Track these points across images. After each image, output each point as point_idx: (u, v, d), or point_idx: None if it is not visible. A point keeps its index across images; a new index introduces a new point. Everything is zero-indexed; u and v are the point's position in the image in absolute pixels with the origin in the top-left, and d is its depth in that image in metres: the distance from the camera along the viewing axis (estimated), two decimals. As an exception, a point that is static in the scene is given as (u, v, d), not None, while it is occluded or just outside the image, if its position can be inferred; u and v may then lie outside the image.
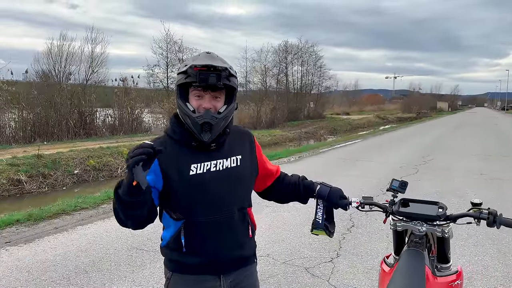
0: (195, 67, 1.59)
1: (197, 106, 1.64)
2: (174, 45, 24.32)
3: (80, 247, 4.56)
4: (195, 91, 1.64)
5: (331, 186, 1.97)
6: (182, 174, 1.64)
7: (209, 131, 1.63)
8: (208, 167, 1.69)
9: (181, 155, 1.67)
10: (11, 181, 9.92)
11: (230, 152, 1.76)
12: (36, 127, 14.90)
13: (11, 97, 14.07)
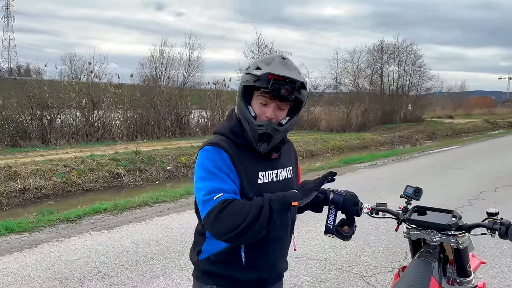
0: (270, 75, 1.48)
1: (259, 113, 1.55)
2: (265, 48, 24.90)
3: (152, 236, 4.99)
4: (261, 97, 1.55)
5: (345, 193, 1.90)
6: (252, 181, 1.56)
7: (266, 142, 1.55)
8: (271, 176, 1.63)
9: (247, 161, 1.58)
10: (111, 174, 11.10)
11: (285, 162, 1.73)
12: (138, 126, 16.43)
13: (118, 99, 15.70)
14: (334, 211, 1.92)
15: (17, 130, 13.41)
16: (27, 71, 37.23)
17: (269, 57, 1.62)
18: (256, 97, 1.56)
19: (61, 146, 13.34)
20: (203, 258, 1.62)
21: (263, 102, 1.55)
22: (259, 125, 1.53)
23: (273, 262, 1.66)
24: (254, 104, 1.57)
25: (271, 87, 1.47)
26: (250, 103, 1.57)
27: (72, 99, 14.72)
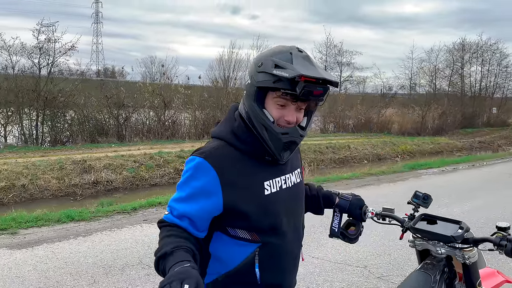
0: (302, 76, 1.26)
1: (278, 116, 1.35)
2: (334, 48, 24.45)
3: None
4: (279, 99, 1.33)
5: (351, 198, 1.85)
6: (256, 194, 1.37)
7: (290, 150, 1.38)
8: (279, 184, 1.44)
9: (250, 170, 1.38)
10: (176, 171, 11.62)
11: (293, 165, 1.55)
12: (205, 126, 17.04)
13: (187, 99, 16.43)
14: (339, 214, 1.88)
15: (96, 127, 14.61)
16: (112, 73, 40.39)
17: (282, 50, 1.38)
18: (273, 99, 1.34)
19: (134, 143, 14.26)
20: (209, 281, 1.42)
21: (282, 104, 1.34)
22: (284, 133, 1.34)
23: (287, 277, 1.51)
24: (270, 108, 1.35)
25: (302, 90, 1.26)
26: (264, 106, 1.35)
27: (146, 99, 15.67)
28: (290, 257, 1.49)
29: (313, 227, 5.12)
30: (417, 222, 1.78)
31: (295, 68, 1.28)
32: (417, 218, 1.80)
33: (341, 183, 8.72)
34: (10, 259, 4.17)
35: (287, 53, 1.36)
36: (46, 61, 14.07)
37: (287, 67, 1.29)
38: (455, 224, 1.75)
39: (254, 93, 1.35)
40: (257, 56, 1.42)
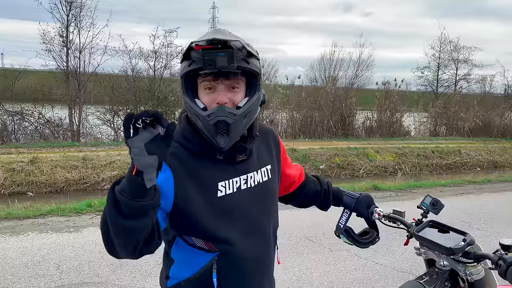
0: (196, 45, 1.19)
1: (209, 101, 1.24)
2: (449, 44, 22.44)
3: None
4: (204, 82, 1.24)
5: (358, 196, 1.80)
6: (208, 196, 1.27)
7: (225, 133, 1.22)
8: (238, 184, 1.33)
9: (202, 170, 1.28)
10: (267, 168, 11.98)
11: (260, 162, 1.42)
12: (302, 126, 17.13)
13: (285, 99, 16.68)
14: (348, 212, 1.85)
15: (200, 125, 15.70)
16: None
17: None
18: (200, 85, 1.25)
19: (232, 140, 15.02)
20: (171, 285, 1.36)
21: (208, 87, 1.24)
22: (210, 114, 1.21)
23: (253, 284, 1.39)
24: (201, 95, 1.25)
25: (203, 60, 1.17)
26: (198, 96, 1.26)
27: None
28: (254, 263, 1.37)
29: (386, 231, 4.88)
30: (423, 229, 1.65)
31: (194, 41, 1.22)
32: (423, 224, 1.66)
33: (435, 190, 8.08)
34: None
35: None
36: (160, 64, 15.55)
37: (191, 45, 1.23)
38: (461, 235, 1.58)
39: (182, 85, 1.27)
40: None
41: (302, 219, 5.49)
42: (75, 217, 5.57)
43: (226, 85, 1.23)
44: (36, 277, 3.74)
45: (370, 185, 7.86)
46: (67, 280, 3.71)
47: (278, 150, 1.54)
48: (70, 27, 14.20)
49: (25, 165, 9.74)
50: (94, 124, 14.50)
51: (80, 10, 14.17)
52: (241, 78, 1.25)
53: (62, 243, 4.58)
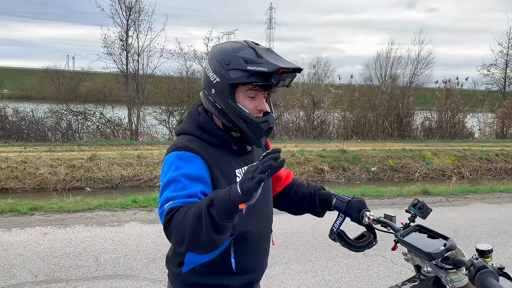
0: (280, 69, 1.37)
1: (251, 107, 1.45)
2: (520, 39, 20.71)
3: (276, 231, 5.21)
4: (250, 91, 1.43)
5: (348, 200, 1.76)
6: (230, 181, 1.43)
7: (266, 135, 1.50)
8: None
9: (221, 159, 1.47)
10: (316, 169, 11.79)
11: (258, 154, 1.61)
12: (354, 126, 16.70)
13: (337, 99, 16.37)
14: (343, 216, 1.82)
15: (251, 125, 15.86)
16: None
17: (239, 46, 1.46)
18: (244, 92, 1.44)
19: (283, 141, 14.95)
20: (186, 270, 1.50)
21: (252, 96, 1.45)
22: (263, 121, 1.45)
23: (260, 261, 1.60)
24: (243, 101, 1.44)
25: (279, 81, 1.39)
26: (236, 100, 1.44)
27: (296, 99, 16.25)
28: (261, 243, 1.59)
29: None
30: (409, 234, 1.56)
31: (269, 62, 1.38)
32: (409, 229, 1.58)
33: (491, 196, 7.51)
34: (137, 231, 4.97)
35: (248, 48, 1.45)
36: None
37: (260, 62, 1.39)
38: (442, 239, 1.49)
39: (227, 90, 1.43)
40: (216, 55, 1.47)
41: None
42: (120, 212, 5.85)
43: (263, 95, 1.48)
44: (75, 267, 3.98)
45: (420, 189, 7.47)
46: (102, 272, 3.91)
47: (267, 147, 1.72)
48: (129, 31, 14.96)
49: (85, 162, 10.40)
50: (151, 124, 15.17)
51: (139, 15, 14.89)
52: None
53: (104, 236, 4.83)
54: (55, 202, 6.15)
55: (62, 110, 14.51)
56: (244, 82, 1.41)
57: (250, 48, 1.45)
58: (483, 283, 1.25)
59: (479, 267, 1.28)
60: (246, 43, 1.47)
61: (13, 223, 5.15)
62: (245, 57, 1.41)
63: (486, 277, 1.26)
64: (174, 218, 1.28)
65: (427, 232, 1.55)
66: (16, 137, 13.11)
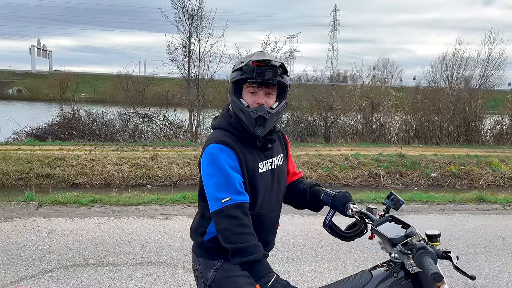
0: (253, 62, 1.65)
1: (251, 102, 1.72)
2: None
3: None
4: (249, 88, 1.72)
5: (334, 194, 1.93)
6: (254, 171, 1.75)
7: (262, 125, 1.71)
8: (267, 165, 1.82)
9: (248, 153, 1.75)
10: (370, 174, 11.54)
11: (277, 150, 1.90)
12: (416, 130, 16.05)
13: (397, 102, 15.85)
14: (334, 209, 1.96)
15: (306, 128, 15.85)
16: (344, 77, 42.18)
17: (247, 55, 1.81)
18: (245, 89, 1.73)
19: (339, 144, 14.80)
20: (208, 238, 1.80)
21: (251, 92, 1.72)
22: (252, 110, 1.70)
23: (269, 237, 1.89)
24: (245, 97, 1.73)
25: (256, 73, 1.64)
26: (242, 97, 1.74)
27: (354, 102, 16.00)
28: (273, 222, 1.90)
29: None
30: (382, 223, 1.66)
31: (249, 58, 1.71)
32: (382, 219, 1.70)
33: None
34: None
35: (252, 54, 1.77)
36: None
37: (245, 60, 1.72)
38: (406, 227, 1.61)
39: (232, 88, 1.76)
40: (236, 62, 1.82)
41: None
42: (170, 207, 6.23)
43: (265, 91, 1.73)
44: (123, 253, 4.35)
45: (475, 196, 7.06)
46: (146, 259, 4.24)
47: (286, 146, 2.02)
48: (191, 38, 15.69)
49: (147, 161, 11.10)
50: (210, 126, 15.76)
51: (200, 22, 15.56)
52: (274, 88, 1.74)
53: (152, 227, 5.20)
54: (113, 196, 6.69)
55: (130, 112, 15.55)
56: (239, 79, 1.72)
57: (252, 53, 1.77)
58: (420, 261, 1.41)
59: (419, 247, 1.43)
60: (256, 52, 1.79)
61: (75, 213, 5.72)
62: (241, 59, 1.75)
63: (424, 256, 1.40)
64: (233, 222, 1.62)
65: (399, 222, 1.64)
66: (88, 137, 14.29)
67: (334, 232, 1.90)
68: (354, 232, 1.88)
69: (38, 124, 14.59)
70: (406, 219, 1.69)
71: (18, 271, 3.85)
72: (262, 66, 1.65)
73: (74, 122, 14.90)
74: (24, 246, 4.43)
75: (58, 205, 6.08)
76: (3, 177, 9.68)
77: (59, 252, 4.32)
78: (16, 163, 10.18)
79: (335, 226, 1.90)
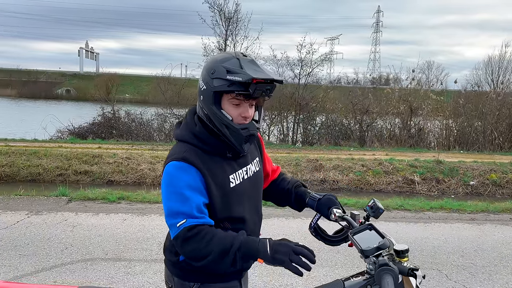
0: (254, 79, 1.45)
1: (235, 114, 1.54)
2: None
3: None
4: (233, 99, 1.52)
5: (318, 198, 1.86)
6: (224, 187, 1.58)
7: (249, 142, 1.61)
8: (242, 175, 1.66)
9: (216, 167, 1.58)
10: (405, 180, 11.17)
11: (252, 155, 1.75)
12: (458, 136, 15.38)
13: (438, 106, 15.25)
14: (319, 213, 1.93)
15: (341, 131, 15.59)
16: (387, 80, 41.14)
17: (228, 57, 1.55)
18: (228, 100, 1.53)
19: (373, 148, 14.43)
20: (183, 259, 1.61)
21: (236, 104, 1.53)
22: (243, 128, 1.54)
23: None
24: (226, 107, 1.54)
25: (254, 90, 1.47)
26: (222, 107, 1.54)
27: (392, 105, 15.56)
28: (254, 228, 1.73)
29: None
30: (361, 232, 1.58)
31: (246, 72, 1.47)
32: (361, 227, 1.60)
33: None
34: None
35: (234, 59, 1.53)
36: (305, 72, 16.06)
37: (239, 72, 1.48)
38: (380, 237, 1.52)
39: (211, 97, 1.53)
40: (207, 64, 1.60)
41: (393, 230, 5.11)
42: (193, 206, 6.33)
43: (249, 103, 1.55)
44: (140, 250, 4.47)
45: (510, 206, 6.67)
46: (161, 256, 4.31)
47: (260, 145, 1.87)
48: (227, 41, 15.87)
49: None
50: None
51: (236, 25, 15.72)
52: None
53: (172, 226, 5.30)
54: (140, 193, 6.88)
55: (166, 113, 15.95)
56: (225, 91, 1.50)
57: (236, 59, 1.53)
58: (379, 279, 1.36)
59: (381, 264, 1.37)
60: (234, 54, 1.56)
61: (101, 209, 5.94)
62: (228, 67, 1.50)
63: (384, 274, 1.34)
64: (195, 239, 1.46)
65: (378, 232, 1.56)
66: (127, 137, 14.80)
67: (318, 235, 1.84)
68: (340, 237, 1.80)
69: (80, 123, 15.28)
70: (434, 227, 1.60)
71: (40, 262, 4.05)
72: (263, 83, 1.48)
73: (114, 122, 15.49)
74: (49, 239, 4.65)
75: (86, 200, 6.34)
76: (44, 172, 10.21)
77: (80, 245, 4.50)
78: (56, 159, 10.71)
79: (320, 229, 1.84)
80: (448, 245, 4.73)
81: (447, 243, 4.79)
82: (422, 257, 4.38)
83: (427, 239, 4.93)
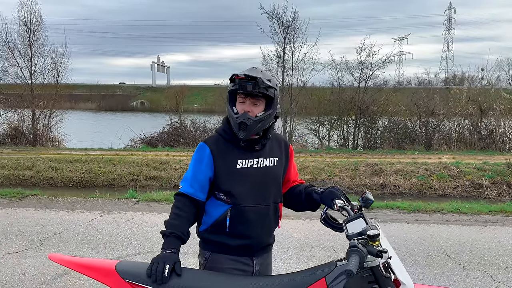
0: (236, 76, 1.97)
1: (240, 109, 1.99)
2: None
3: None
4: (240, 98, 2.01)
5: (322, 191, 2.08)
6: (230, 167, 2.00)
7: (244, 130, 1.97)
8: (251, 163, 2.03)
9: (230, 151, 2.03)
10: (472, 184, 10.63)
11: (270, 153, 2.11)
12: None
13: (511, 106, 14.25)
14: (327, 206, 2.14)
15: (405, 134, 15.13)
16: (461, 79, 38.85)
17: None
18: (238, 99, 2.03)
19: (440, 152, 13.84)
20: (202, 229, 2.07)
21: (241, 101, 2.01)
22: (236, 117, 1.98)
23: (253, 232, 2.02)
24: (237, 105, 2.03)
25: (238, 84, 1.95)
26: (235, 105, 2.04)
27: (460, 106, 14.83)
28: (255, 215, 2.01)
29: None
30: (354, 220, 1.77)
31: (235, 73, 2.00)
32: (353, 216, 1.80)
33: None
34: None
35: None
36: (365, 75, 15.84)
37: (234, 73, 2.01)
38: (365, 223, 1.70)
39: (227, 97, 2.07)
40: None
41: (444, 232, 5.02)
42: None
43: (251, 101, 1.99)
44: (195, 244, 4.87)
45: None
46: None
47: (288, 153, 2.22)
48: (285, 49, 16.18)
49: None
50: (302, 134, 16.05)
51: (294, 33, 15.98)
52: (260, 99, 2.00)
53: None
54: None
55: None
56: (229, 90, 2.04)
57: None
58: (348, 257, 1.55)
59: (351, 245, 1.56)
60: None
61: (164, 209, 6.47)
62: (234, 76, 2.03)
63: (352, 253, 1.53)
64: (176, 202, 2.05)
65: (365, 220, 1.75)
66: (192, 144, 15.64)
67: (327, 224, 2.03)
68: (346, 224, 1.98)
69: (151, 132, 16.45)
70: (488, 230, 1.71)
71: (108, 253, 4.62)
72: (243, 80, 1.94)
73: (180, 131, 16.46)
74: (117, 234, 5.25)
75: (152, 202, 6.97)
76: (118, 178, 11.21)
77: (143, 240, 5.03)
78: (129, 166, 11.71)
79: (330, 219, 2.03)
80: (500, 248, 4.57)
81: (499, 246, 4.63)
82: (469, 258, 4.30)
83: (479, 241, 4.80)
